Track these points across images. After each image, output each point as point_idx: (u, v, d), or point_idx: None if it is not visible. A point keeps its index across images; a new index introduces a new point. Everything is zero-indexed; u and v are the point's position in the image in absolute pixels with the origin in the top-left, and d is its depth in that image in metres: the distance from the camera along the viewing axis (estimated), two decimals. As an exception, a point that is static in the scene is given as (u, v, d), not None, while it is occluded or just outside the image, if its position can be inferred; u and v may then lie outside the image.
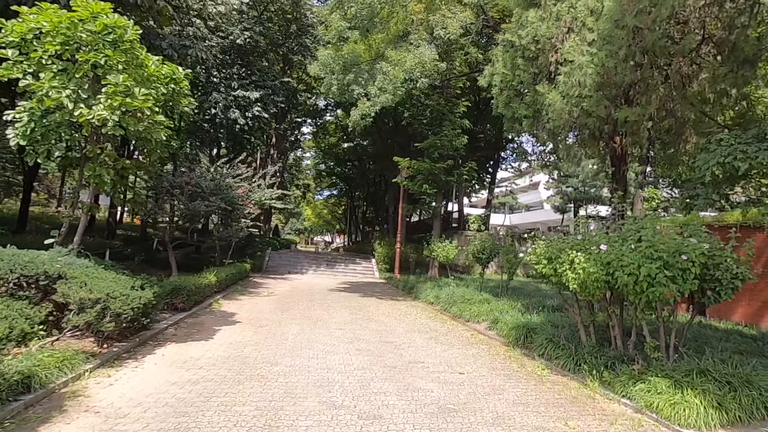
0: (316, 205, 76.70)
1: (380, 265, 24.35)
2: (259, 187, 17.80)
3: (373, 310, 11.54)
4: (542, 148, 35.15)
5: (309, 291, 15.19)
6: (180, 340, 6.94)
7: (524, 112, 9.25)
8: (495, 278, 24.35)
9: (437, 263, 20.05)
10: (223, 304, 10.95)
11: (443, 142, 18.12)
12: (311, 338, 7.68)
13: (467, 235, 27.51)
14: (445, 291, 12.86)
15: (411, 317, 10.78)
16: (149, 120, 5.74)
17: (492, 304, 10.67)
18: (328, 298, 13.46)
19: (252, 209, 16.98)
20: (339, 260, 26.46)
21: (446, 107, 19.01)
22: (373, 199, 50.61)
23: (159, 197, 13.07)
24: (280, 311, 10.50)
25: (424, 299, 13.60)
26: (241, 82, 17.89)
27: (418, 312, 11.75)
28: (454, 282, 13.82)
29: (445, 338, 8.43)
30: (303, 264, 24.57)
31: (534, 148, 34.63)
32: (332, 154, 47.76)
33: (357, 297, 14.26)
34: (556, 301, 11.10)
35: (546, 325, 7.76)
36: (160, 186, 12.88)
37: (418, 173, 18.72)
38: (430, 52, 11.89)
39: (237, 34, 17.05)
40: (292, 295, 13.85)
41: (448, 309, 11.50)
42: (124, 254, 19.09)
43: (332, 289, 16.47)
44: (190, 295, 8.83)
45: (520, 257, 11.21)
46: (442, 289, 13.50)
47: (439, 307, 12.21)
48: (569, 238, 6.31)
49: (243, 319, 9.14)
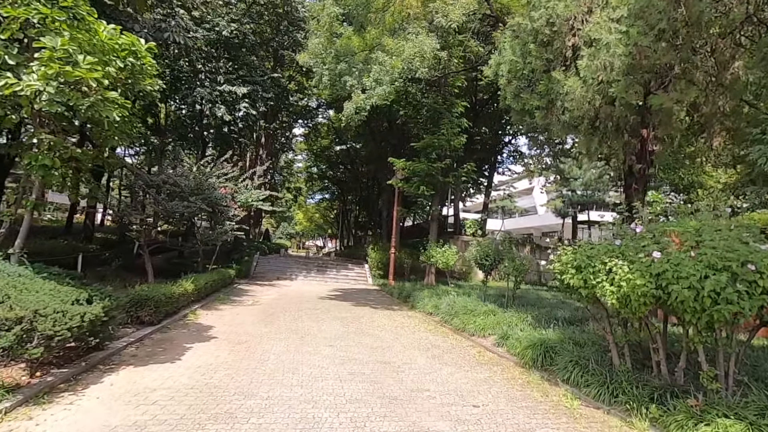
0: (308, 209, 75.51)
1: (374, 271, 23.31)
2: (246, 188, 16.69)
3: (367, 322, 10.49)
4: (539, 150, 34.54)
5: (298, 299, 14.10)
6: (139, 362, 5.83)
7: (536, 103, 8.33)
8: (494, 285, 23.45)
9: (434, 269, 19.07)
10: (201, 315, 9.83)
11: (441, 141, 17.19)
12: (296, 359, 6.62)
13: (464, 240, 26.60)
14: (445, 300, 11.86)
15: (409, 330, 9.75)
16: (97, 96, 4.68)
17: (498, 315, 9.69)
18: (318, 308, 12.39)
19: (237, 211, 15.87)
20: (330, 266, 25.37)
21: (443, 106, 18.11)
22: (365, 202, 49.61)
23: (134, 197, 11.93)
24: (263, 324, 9.40)
25: (422, 309, 12.59)
26: (228, 76, 16.83)
27: (417, 324, 10.73)
28: (453, 290, 12.83)
29: (450, 357, 7.42)
30: (293, 269, 23.43)
31: (531, 150, 34.00)
32: (324, 157, 46.77)
33: (349, 306, 13.20)
34: (567, 313, 10.16)
35: (566, 343, 6.78)
36: (135, 185, 11.76)
37: (415, 174, 17.76)
38: (431, 40, 10.97)
39: (223, 26, 16.00)
40: (278, 304, 12.76)
41: (449, 321, 10.50)
42: (101, 259, 17.86)
43: (323, 297, 15.39)
44: (159, 307, 7.72)
45: (526, 264, 10.25)
46: (441, 298, 12.50)
47: (438, 319, 11.20)
48: (602, 244, 5.34)
49: (220, 333, 8.04)
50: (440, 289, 15.98)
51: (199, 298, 11.33)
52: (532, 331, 8.16)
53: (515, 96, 8.87)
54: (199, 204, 12.34)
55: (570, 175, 19.80)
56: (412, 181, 17.85)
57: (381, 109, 26.54)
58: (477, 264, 11.77)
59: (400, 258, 22.21)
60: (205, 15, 16.33)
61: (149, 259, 13.02)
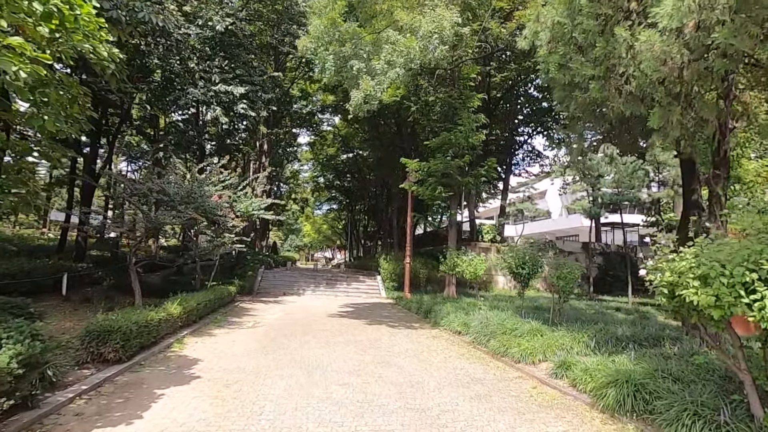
0: (316, 220, 74.20)
1: (387, 283, 21.62)
2: (246, 196, 15.21)
3: (387, 347, 8.82)
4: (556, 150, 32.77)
5: (305, 318, 12.47)
6: (82, 425, 4.24)
7: (590, 72, 6.71)
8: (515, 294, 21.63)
9: (454, 280, 17.36)
10: (188, 344, 8.24)
11: (458, 137, 15.59)
12: (301, 408, 4.98)
13: (481, 247, 24.86)
14: (476, 317, 10.15)
15: (439, 357, 8.05)
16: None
17: (547, 336, 7.97)
18: (328, 328, 10.74)
19: (236, 221, 14.36)
20: (340, 278, 23.73)
21: (459, 100, 16.55)
22: (374, 211, 48.09)
23: (116, 207, 10.46)
24: (262, 353, 7.78)
25: (448, 327, 10.87)
26: (224, 76, 15.45)
27: (446, 347, 9.03)
28: (483, 303, 11.12)
29: (501, 398, 5.71)
30: (300, 283, 21.84)
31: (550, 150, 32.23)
32: (331, 166, 45.48)
33: (363, 325, 11.54)
34: (627, 329, 8.42)
35: (659, 378, 5.07)
36: (117, 193, 10.30)
37: (430, 175, 16.15)
38: (450, 13, 9.47)
39: (217, 20, 14.68)
40: (283, 325, 11.13)
41: (483, 342, 8.79)
42: (93, 278, 16.47)
43: (333, 314, 13.74)
44: (128, 339, 6.14)
45: (575, 272, 8.54)
46: (470, 314, 10.80)
47: (469, 339, 9.48)
48: (741, 242, 3.66)
49: (207, 370, 6.44)
50: (464, 302, 14.25)
51: (190, 322, 9.75)
52: (600, 357, 6.44)
53: (561, 67, 7.27)
54: (190, 213, 10.82)
55: (600, 172, 18.11)
56: (428, 183, 16.23)
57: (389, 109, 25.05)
58: (512, 273, 10.06)
59: (415, 268, 20.55)
60: (198, 10, 15.03)
61: (136, 278, 11.48)
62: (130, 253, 11.27)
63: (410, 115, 17.44)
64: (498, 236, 25.74)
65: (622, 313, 15.25)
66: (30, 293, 12.54)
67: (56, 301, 12.41)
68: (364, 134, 32.68)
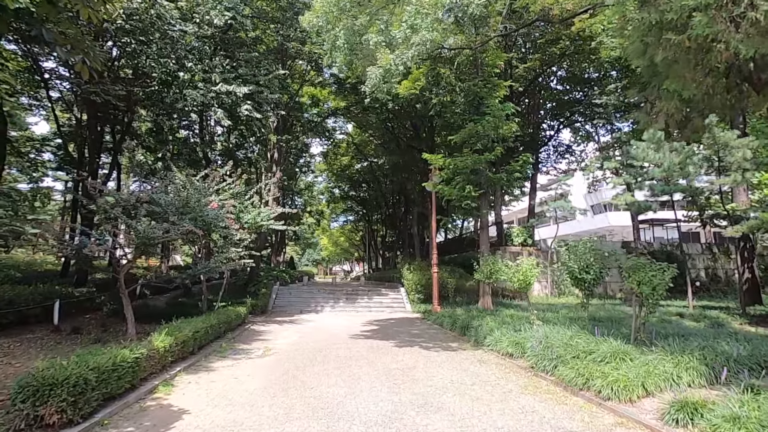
0: (332, 233, 72.93)
1: (412, 296, 19.78)
2: (253, 205, 13.72)
3: (425, 378, 7.02)
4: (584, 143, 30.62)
5: (324, 341, 10.75)
6: None
7: (690, 2, 4.91)
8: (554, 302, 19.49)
9: (489, 289, 15.46)
10: (178, 386, 6.61)
11: (486, 128, 13.83)
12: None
13: (511, 251, 22.85)
14: (530, 334, 8.29)
15: (496, 393, 6.21)
16: None
17: (638, 360, 6.07)
18: (352, 354, 9.00)
19: (243, 234, 12.85)
20: (361, 292, 21.99)
21: (485, 89, 14.82)
22: (392, 220, 46.46)
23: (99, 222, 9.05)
24: (269, 395, 6.09)
25: (495, 348, 9.00)
26: (225, 76, 14.11)
27: (499, 376, 7.17)
28: (535, 316, 9.20)
29: (613, 465, 3.87)
30: (318, 300, 20.18)
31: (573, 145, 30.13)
32: (345, 177, 44.15)
33: (393, 348, 9.75)
34: (741, 349, 6.44)
35: None
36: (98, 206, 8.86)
37: (457, 173, 14.41)
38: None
39: (215, 14, 13.38)
40: (298, 351, 9.43)
41: (548, 369, 6.91)
42: (94, 304, 15.16)
43: (356, 334, 12.00)
44: (83, 392, 4.52)
45: (666, 277, 6.64)
46: (521, 331, 8.93)
47: (527, 364, 7.61)
48: None
49: (191, 429, 4.77)
50: (505, 314, 12.35)
51: (185, 355, 8.13)
52: (737, 394, 4.54)
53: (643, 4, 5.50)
54: (186, 226, 9.29)
55: (646, 161, 16.12)
56: (455, 182, 14.48)
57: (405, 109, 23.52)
58: (573, 279, 8.17)
59: (442, 278, 18.69)
60: (194, 5, 13.78)
61: (129, 303, 10.00)
62: (119, 274, 9.81)
63: (431, 108, 15.75)
64: (529, 239, 23.66)
65: (688, 320, 13.12)
66: (15, 324, 11.26)
67: (44, 332, 11.01)
68: (379, 138, 31.16)
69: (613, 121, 20.03)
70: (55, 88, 18.48)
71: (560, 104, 26.49)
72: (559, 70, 25.23)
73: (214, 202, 10.33)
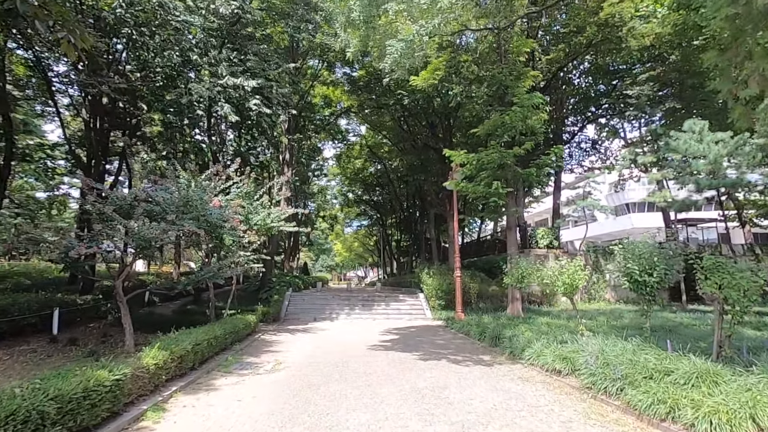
0: (346, 239, 72.10)
1: (432, 302, 18.60)
2: (263, 206, 12.80)
3: (461, 402, 5.89)
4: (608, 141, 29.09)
5: (339, 353, 9.69)
6: None
7: None
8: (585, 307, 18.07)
9: (518, 295, 14.24)
10: (170, 411, 5.61)
11: (513, 119, 12.69)
12: None
13: (537, 254, 21.50)
14: (580, 347, 7.10)
15: (555, 426, 5.03)
16: None
17: (734, 383, 4.84)
18: (372, 370, 7.91)
19: (252, 236, 11.93)
20: (377, 298, 20.89)
21: (509, 78, 13.69)
22: (407, 224, 45.33)
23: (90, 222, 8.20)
24: (277, 424, 5.05)
25: (535, 362, 7.81)
26: (232, 69, 13.28)
27: (551, 400, 5.99)
28: (584, 326, 7.96)
29: None
30: (333, 306, 19.16)
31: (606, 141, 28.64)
32: (359, 180, 43.29)
33: (417, 362, 8.63)
34: None
35: None
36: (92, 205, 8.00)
37: (481, 169, 13.27)
38: None
39: (221, 3, 12.58)
40: (311, 367, 8.39)
41: (612, 391, 5.71)
42: (99, 312, 14.42)
43: (374, 345, 10.91)
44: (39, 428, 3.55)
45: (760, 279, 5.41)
46: (566, 343, 7.73)
47: (580, 383, 6.41)
48: None
49: (177, 474, 3.76)
50: (540, 322, 11.14)
51: (184, 371, 7.14)
52: None
53: None
54: (186, 226, 8.37)
55: (689, 153, 14.70)
56: (479, 178, 13.34)
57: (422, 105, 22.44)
58: (632, 282, 6.95)
59: (464, 283, 17.48)
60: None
61: (127, 312, 9.16)
62: (116, 279, 8.95)
63: (450, 100, 14.68)
64: (555, 241, 22.28)
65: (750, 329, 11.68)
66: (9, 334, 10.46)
67: (39, 342, 10.20)
68: (393, 139, 30.15)
69: (646, 111, 18.61)
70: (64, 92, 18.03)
71: (584, 99, 25.15)
72: (583, 62, 23.94)
73: (216, 200, 9.39)
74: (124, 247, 9.59)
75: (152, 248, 8.15)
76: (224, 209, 9.54)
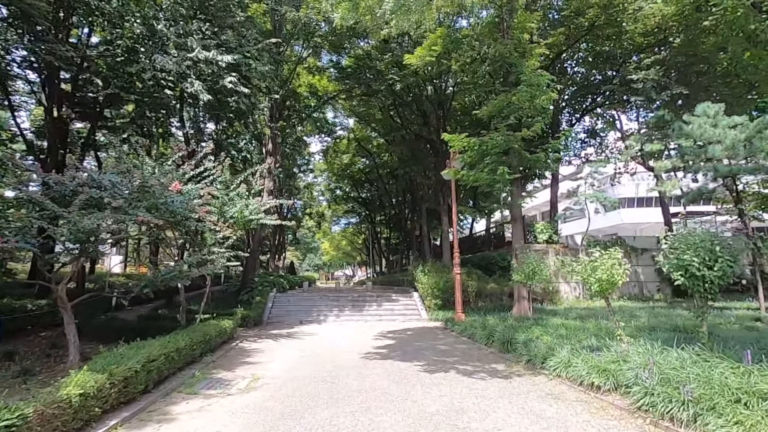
0: (334, 237, 70.53)
1: (428, 301, 17.29)
2: (240, 196, 11.29)
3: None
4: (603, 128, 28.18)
5: (329, 366, 8.27)
6: None
7: None
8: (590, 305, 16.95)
9: (526, 293, 13.02)
10: (101, 458, 4.15)
11: (520, 99, 11.43)
12: None
13: (536, 249, 20.37)
14: (621, 356, 5.85)
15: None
16: None
17: None
18: (367, 386, 6.53)
19: (226, 230, 10.42)
20: (369, 298, 19.50)
21: (514, 54, 12.42)
22: (397, 221, 44.01)
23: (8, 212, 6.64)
24: (243, 480, 3.64)
25: (565, 374, 6.53)
26: (204, 42, 11.72)
27: (600, 428, 4.70)
28: (622, 330, 6.68)
29: None
30: (320, 308, 17.70)
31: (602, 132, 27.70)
32: (347, 176, 41.84)
33: (421, 375, 7.27)
34: None
35: None
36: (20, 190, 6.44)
37: (485, 155, 11.99)
38: None
39: (190, -35, 11.03)
40: (294, 383, 6.96)
41: (681, 417, 4.43)
42: (56, 319, 12.78)
43: (369, 352, 9.53)
44: None
45: None
46: (598, 351, 6.47)
47: (629, 404, 5.13)
48: None
49: None
50: (556, 324, 9.89)
51: (131, 397, 5.65)
52: None
53: None
54: (142, 216, 6.86)
55: (703, 138, 13.71)
56: (482, 164, 12.05)
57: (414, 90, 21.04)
58: (687, 276, 5.70)
59: (462, 280, 16.20)
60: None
61: (71, 321, 7.66)
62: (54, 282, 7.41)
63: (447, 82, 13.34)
64: (555, 235, 21.20)
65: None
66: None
67: (-31, 358, 8.57)
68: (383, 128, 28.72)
69: (653, 96, 17.58)
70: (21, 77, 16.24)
71: (582, 88, 24.10)
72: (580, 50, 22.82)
73: (176, 183, 7.86)
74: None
75: (94, 243, 6.63)
76: (188, 196, 8.02)
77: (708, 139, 14.00)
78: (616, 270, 6.17)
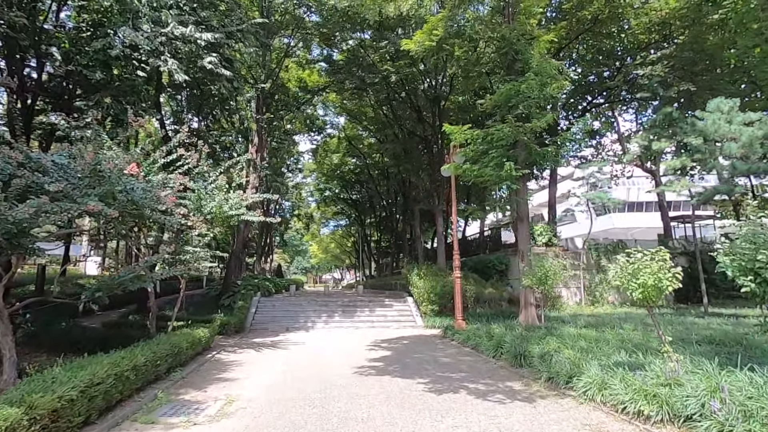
0: (322, 240, 69.08)
1: (423, 307, 16.19)
2: (219, 189, 10.08)
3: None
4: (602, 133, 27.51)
5: (318, 384, 7.09)
6: None
7: None
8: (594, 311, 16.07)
9: (533, 299, 12.03)
10: None
11: (529, 88, 10.45)
12: None
13: (535, 252, 19.45)
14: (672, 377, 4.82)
15: None
16: None
17: None
18: (365, 415, 5.38)
19: (202, 226, 9.21)
20: (360, 303, 18.34)
21: (521, 40, 11.47)
22: (388, 223, 42.91)
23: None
24: None
25: (599, 396, 5.48)
26: (181, 18, 10.51)
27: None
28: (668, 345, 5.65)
29: None
30: (308, 313, 16.48)
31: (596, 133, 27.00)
32: (337, 177, 40.63)
33: (428, 397, 6.15)
34: None
35: None
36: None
37: (491, 148, 10.98)
38: None
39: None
40: (277, 406, 5.78)
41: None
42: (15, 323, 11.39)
43: (363, 366, 8.39)
44: None
45: None
46: (643, 371, 5.44)
47: (696, 440, 4.10)
48: None
49: None
50: (570, 335, 8.88)
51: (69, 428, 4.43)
52: None
53: None
54: (92, 204, 5.65)
55: (717, 135, 12.91)
56: (487, 158, 11.03)
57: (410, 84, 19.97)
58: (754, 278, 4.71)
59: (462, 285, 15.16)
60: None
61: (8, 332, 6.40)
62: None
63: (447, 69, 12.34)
64: (554, 238, 20.32)
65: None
66: None
67: None
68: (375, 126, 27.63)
69: (659, 93, 16.84)
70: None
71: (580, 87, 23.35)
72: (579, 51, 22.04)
73: (133, 164, 6.63)
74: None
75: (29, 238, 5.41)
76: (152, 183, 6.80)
77: (722, 135, 13.24)
78: (664, 275, 5.15)
